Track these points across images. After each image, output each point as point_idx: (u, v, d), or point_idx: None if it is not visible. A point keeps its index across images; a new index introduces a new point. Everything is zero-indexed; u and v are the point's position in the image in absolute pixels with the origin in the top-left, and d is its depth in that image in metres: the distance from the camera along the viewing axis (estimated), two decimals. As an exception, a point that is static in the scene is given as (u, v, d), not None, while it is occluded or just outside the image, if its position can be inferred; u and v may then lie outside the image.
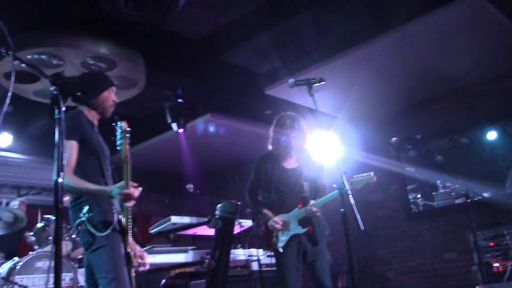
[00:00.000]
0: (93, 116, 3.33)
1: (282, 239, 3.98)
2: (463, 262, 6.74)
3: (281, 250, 3.96)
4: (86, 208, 2.99)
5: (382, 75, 6.61)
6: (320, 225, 4.04)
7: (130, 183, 2.93)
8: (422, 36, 5.64)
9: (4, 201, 8.26)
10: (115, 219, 3.05)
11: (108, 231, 2.96)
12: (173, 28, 5.80)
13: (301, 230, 3.94)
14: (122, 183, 2.93)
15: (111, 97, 3.37)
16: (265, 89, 6.78)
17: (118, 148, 2.96)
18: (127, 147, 2.93)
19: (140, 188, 3.02)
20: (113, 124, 2.95)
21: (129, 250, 3.13)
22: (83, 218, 2.97)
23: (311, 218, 3.94)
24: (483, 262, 5.46)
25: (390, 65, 6.35)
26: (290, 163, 4.21)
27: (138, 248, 3.33)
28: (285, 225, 3.96)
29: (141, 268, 3.30)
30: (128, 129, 2.92)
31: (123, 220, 3.12)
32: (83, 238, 3.02)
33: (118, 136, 2.93)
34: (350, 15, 5.63)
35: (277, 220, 3.97)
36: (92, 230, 2.94)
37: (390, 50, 5.94)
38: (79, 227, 3.00)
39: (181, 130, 6.93)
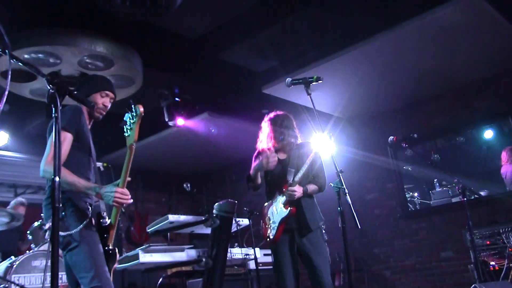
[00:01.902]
0: (87, 115, 3.33)
1: (273, 226, 4.07)
2: (460, 261, 6.76)
3: (271, 237, 4.03)
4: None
5: (379, 74, 6.63)
6: (310, 214, 4.06)
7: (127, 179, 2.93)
8: (419, 35, 5.65)
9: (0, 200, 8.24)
10: (88, 217, 2.97)
11: (78, 229, 2.88)
12: (170, 26, 5.79)
13: (285, 212, 4.00)
14: (119, 181, 2.91)
15: (101, 100, 3.34)
16: (263, 88, 6.78)
17: (126, 133, 2.93)
18: (137, 132, 2.91)
19: (131, 201, 2.98)
20: (127, 108, 2.91)
21: (111, 246, 3.11)
22: None
23: (294, 201, 3.99)
24: (480, 261, 5.48)
25: (387, 64, 6.36)
26: (281, 155, 4.28)
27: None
28: (271, 153, 4.00)
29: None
30: (143, 111, 2.88)
31: (105, 214, 3.08)
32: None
33: (132, 121, 2.89)
34: (347, 14, 5.64)
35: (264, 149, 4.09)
36: (62, 232, 2.85)
37: (387, 49, 5.95)
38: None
39: (180, 122, 6.89)
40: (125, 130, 2.93)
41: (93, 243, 2.95)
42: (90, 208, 3.04)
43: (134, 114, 2.86)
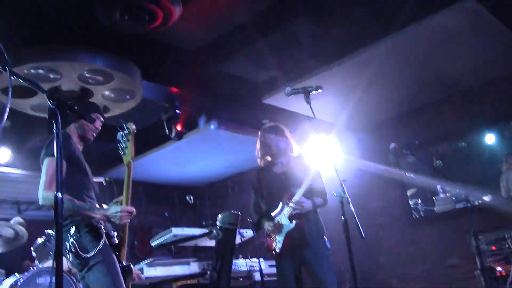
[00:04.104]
0: (77, 138, 3.39)
1: (279, 239, 4.06)
2: (466, 267, 6.70)
3: (277, 250, 4.05)
4: (73, 229, 2.97)
5: (379, 81, 6.62)
6: (313, 225, 4.06)
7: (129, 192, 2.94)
8: (418, 42, 5.65)
9: (3, 217, 8.22)
10: (103, 233, 3.03)
11: (96, 250, 2.93)
12: (169, 39, 5.81)
13: (291, 225, 4.01)
14: (120, 198, 2.92)
15: (96, 124, 3.43)
16: (263, 98, 6.78)
17: (121, 152, 2.94)
18: (133, 149, 2.92)
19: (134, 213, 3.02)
20: (118, 127, 2.94)
21: (125, 263, 3.11)
22: (71, 241, 2.93)
23: (300, 214, 4.01)
24: (486, 267, 5.45)
25: (387, 71, 6.36)
26: (279, 168, 4.31)
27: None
28: (278, 227, 4.03)
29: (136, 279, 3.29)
30: (135, 129, 2.90)
31: (114, 234, 3.10)
32: (74, 262, 2.99)
33: (124, 139, 2.91)
34: (347, 21, 5.65)
35: (269, 223, 4.11)
36: (82, 254, 2.92)
37: (387, 56, 5.95)
38: (68, 252, 2.96)
39: (181, 135, 6.91)
40: (120, 149, 2.94)
41: (110, 260, 3.00)
42: (102, 225, 3.07)
43: (127, 132, 2.89)
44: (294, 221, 3.99)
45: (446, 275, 7.06)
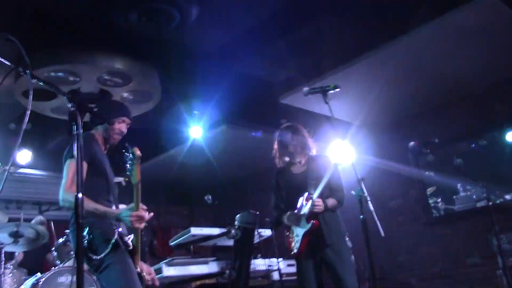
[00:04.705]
0: (102, 140, 3.39)
1: (297, 239, 4.07)
2: (487, 267, 6.61)
3: (295, 250, 4.05)
4: (86, 229, 2.98)
5: (397, 79, 6.57)
6: (332, 225, 4.05)
7: (141, 205, 2.94)
8: (436, 40, 5.60)
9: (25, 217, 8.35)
10: (116, 237, 3.03)
11: (107, 251, 2.94)
12: (186, 40, 5.84)
13: (307, 226, 4.01)
14: (132, 205, 2.93)
15: (118, 126, 3.41)
16: (280, 98, 6.78)
17: (128, 173, 2.96)
18: (139, 171, 2.94)
19: (152, 214, 3.02)
20: (123, 150, 2.97)
21: (138, 270, 3.13)
22: (84, 242, 2.94)
23: (317, 214, 4.00)
24: (508, 266, 5.37)
25: (405, 69, 6.31)
26: (297, 168, 4.31)
27: (145, 265, 3.33)
28: (297, 218, 4.06)
29: (149, 282, 3.29)
30: (140, 154, 2.93)
31: (131, 240, 3.12)
32: (88, 263, 3.00)
33: (130, 162, 2.93)
34: (364, 21, 5.62)
35: (288, 214, 4.14)
36: (93, 256, 2.92)
37: (405, 54, 5.90)
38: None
39: (199, 136, 6.95)
40: (127, 170, 2.97)
41: (124, 261, 3.00)
42: (115, 227, 3.08)
43: (132, 157, 2.90)
44: (311, 222, 3.98)
45: (467, 275, 6.98)
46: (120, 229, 3.12)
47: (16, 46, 2.13)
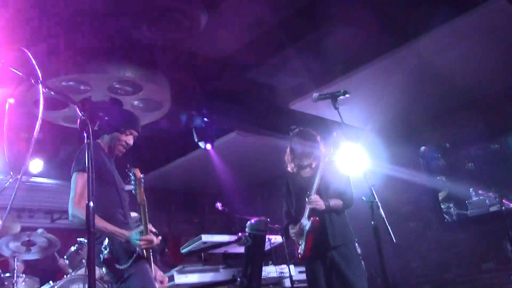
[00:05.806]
0: (107, 150, 3.40)
1: (301, 242, 4.09)
2: (502, 272, 6.55)
3: (301, 252, 4.07)
4: (106, 241, 3.00)
5: (408, 84, 6.54)
6: (338, 227, 4.04)
7: (149, 227, 2.96)
8: (447, 44, 5.57)
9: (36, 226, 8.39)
10: (138, 248, 3.04)
11: (131, 261, 2.96)
12: (196, 48, 5.86)
13: (309, 224, 4.02)
14: (141, 228, 2.94)
15: (124, 138, 3.41)
16: (290, 104, 6.77)
17: (134, 192, 2.99)
18: (142, 191, 2.96)
19: (160, 237, 3.04)
20: (126, 170, 2.99)
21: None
22: (105, 252, 2.96)
23: (317, 212, 4.01)
24: (523, 272, 5.31)
25: (416, 74, 6.27)
26: (307, 172, 4.34)
27: (159, 273, 3.34)
28: (301, 231, 4.08)
29: None
30: (141, 176, 2.94)
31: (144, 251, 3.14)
32: (109, 274, 3.03)
33: (132, 182, 2.95)
34: (373, 26, 5.60)
35: (292, 229, 4.17)
36: (116, 265, 2.95)
37: (415, 59, 5.87)
38: (102, 264, 2.99)
39: (209, 146, 6.97)
40: (132, 189, 2.99)
41: (144, 272, 3.03)
42: None
43: (133, 178, 2.92)
44: (311, 219, 3.98)
45: (482, 280, 6.91)
46: None
47: (27, 57, 2.15)
